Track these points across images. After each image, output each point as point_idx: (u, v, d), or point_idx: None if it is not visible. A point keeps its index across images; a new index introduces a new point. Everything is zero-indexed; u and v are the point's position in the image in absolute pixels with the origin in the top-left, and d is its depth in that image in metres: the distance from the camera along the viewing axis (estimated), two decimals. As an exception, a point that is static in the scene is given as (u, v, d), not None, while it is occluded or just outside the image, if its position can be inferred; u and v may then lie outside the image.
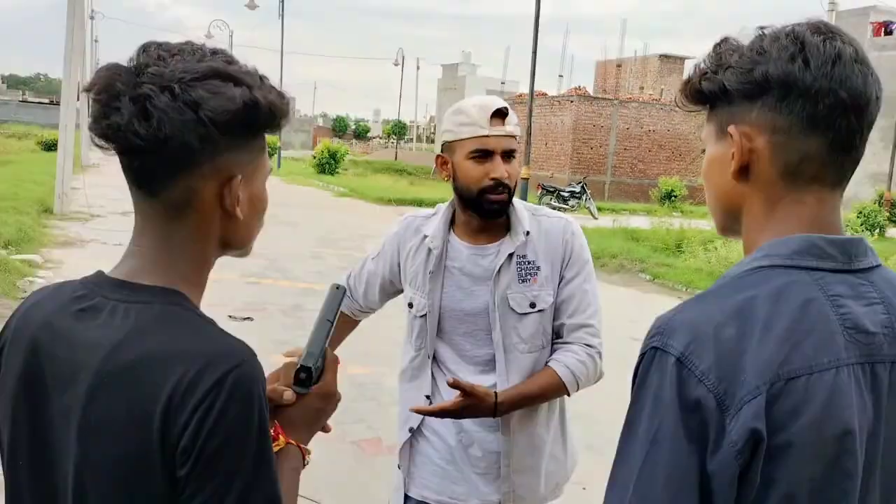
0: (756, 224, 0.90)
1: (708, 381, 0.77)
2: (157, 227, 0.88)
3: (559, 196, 19.62)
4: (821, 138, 0.85)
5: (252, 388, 0.80)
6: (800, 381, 0.78)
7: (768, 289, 0.82)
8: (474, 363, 1.78)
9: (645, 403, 0.81)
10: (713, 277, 9.82)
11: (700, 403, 0.77)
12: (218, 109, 0.82)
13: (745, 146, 0.88)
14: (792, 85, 0.84)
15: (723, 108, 0.90)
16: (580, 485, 3.89)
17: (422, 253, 1.81)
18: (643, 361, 0.83)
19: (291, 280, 8.38)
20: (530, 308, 1.75)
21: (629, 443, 0.82)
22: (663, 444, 0.78)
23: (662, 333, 0.82)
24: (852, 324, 0.82)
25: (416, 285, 1.81)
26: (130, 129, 0.81)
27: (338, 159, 27.30)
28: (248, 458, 0.79)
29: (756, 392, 0.77)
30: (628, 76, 40.07)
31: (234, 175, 0.87)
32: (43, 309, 0.89)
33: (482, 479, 1.79)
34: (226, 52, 0.88)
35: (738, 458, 0.76)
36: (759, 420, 0.76)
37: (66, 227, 10.85)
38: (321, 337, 0.99)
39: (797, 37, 0.85)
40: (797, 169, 0.86)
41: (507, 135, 1.70)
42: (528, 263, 1.76)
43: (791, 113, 0.85)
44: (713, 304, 0.83)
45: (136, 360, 0.80)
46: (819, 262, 0.84)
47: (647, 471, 0.79)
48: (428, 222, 1.84)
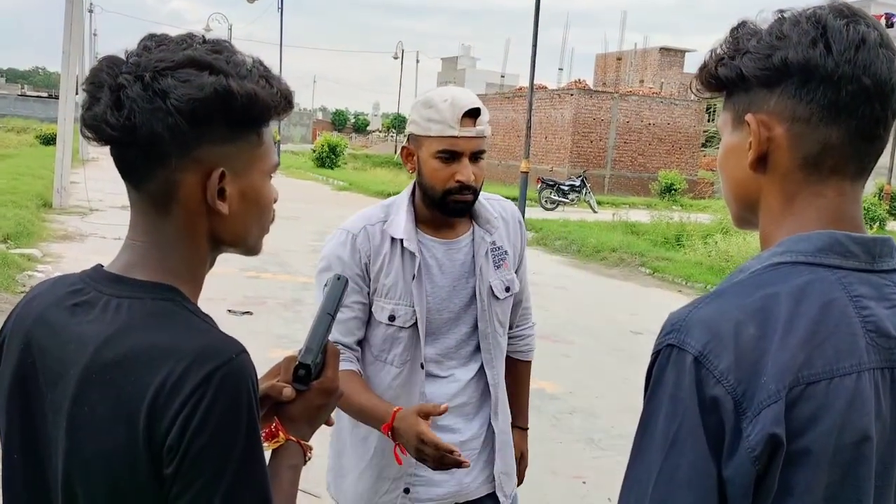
0: (773, 217, 0.86)
1: (727, 382, 0.75)
2: (146, 221, 0.87)
3: (559, 190, 19.60)
4: (843, 127, 0.81)
5: (241, 386, 0.79)
6: (820, 386, 0.75)
7: (790, 287, 0.79)
8: (458, 357, 1.76)
9: (662, 402, 0.78)
10: (713, 271, 9.82)
11: (718, 404, 0.74)
12: (183, 98, 0.79)
13: (762, 135, 0.83)
14: (813, 71, 0.80)
15: (740, 96, 0.86)
16: (580, 479, 3.90)
17: (396, 259, 1.68)
18: (659, 359, 0.80)
19: (291, 274, 8.38)
20: (506, 292, 1.79)
21: (646, 443, 0.79)
22: (683, 446, 0.75)
23: (679, 330, 0.79)
24: (874, 327, 0.79)
25: (395, 295, 1.68)
26: (104, 119, 0.80)
27: (337, 153, 27.27)
28: (236, 457, 0.77)
29: (776, 396, 0.74)
30: (628, 69, 40.00)
31: (214, 168, 0.85)
32: (39, 303, 0.89)
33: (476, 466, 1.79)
34: (220, 43, 0.86)
35: (755, 465, 0.74)
36: (779, 425, 0.73)
37: (65, 222, 10.84)
38: (321, 331, 0.98)
39: (819, 20, 0.81)
40: (817, 160, 0.82)
41: (476, 136, 1.62)
42: (497, 249, 1.78)
43: (812, 101, 0.80)
44: (732, 301, 0.80)
45: (124, 356, 0.79)
46: (842, 260, 0.81)
47: (667, 474, 0.76)
48: (391, 224, 1.70)
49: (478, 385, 1.79)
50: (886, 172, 20.52)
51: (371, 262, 1.69)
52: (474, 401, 1.79)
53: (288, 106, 0.89)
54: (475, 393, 1.79)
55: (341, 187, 21.20)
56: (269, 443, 0.94)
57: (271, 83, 0.86)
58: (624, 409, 4.70)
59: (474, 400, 1.79)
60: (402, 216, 1.70)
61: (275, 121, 0.91)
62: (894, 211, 19.62)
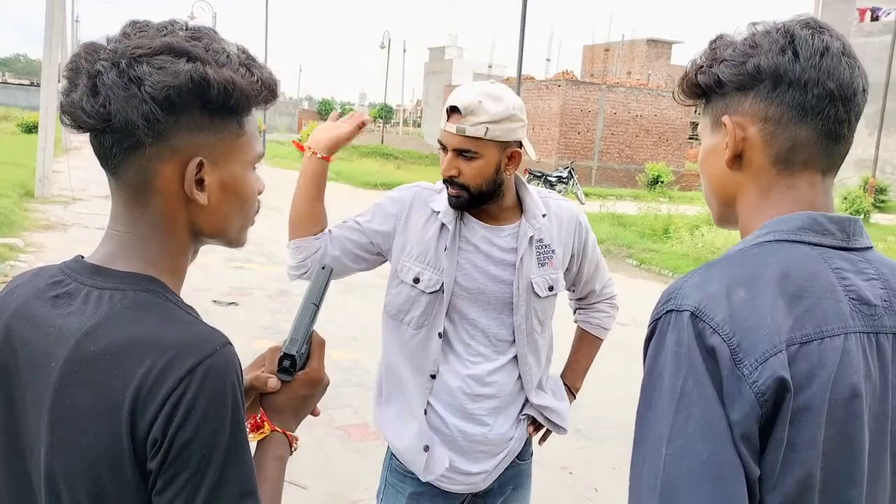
0: (751, 209, 0.93)
1: (722, 332, 0.79)
2: (126, 211, 0.86)
3: (546, 181, 19.62)
4: (811, 126, 0.89)
5: (225, 378, 0.77)
6: (813, 346, 0.80)
7: (777, 259, 0.85)
8: (487, 343, 1.77)
9: (665, 364, 0.82)
10: (699, 262, 9.87)
11: (715, 351, 0.79)
12: (158, 85, 0.78)
13: (738, 135, 0.91)
14: (782, 75, 0.88)
15: (717, 101, 0.94)
16: (566, 469, 3.92)
17: (432, 227, 1.75)
18: (658, 327, 0.84)
19: (277, 265, 8.34)
20: (549, 291, 1.81)
21: (652, 406, 0.82)
22: (692, 396, 0.79)
23: (675, 297, 0.84)
24: (856, 295, 0.85)
25: (424, 260, 1.74)
26: (80, 106, 0.79)
27: (324, 143, 27.07)
28: (221, 450, 0.76)
29: (780, 347, 0.79)
30: (616, 60, 40.04)
31: (192, 157, 0.83)
32: (19, 295, 0.87)
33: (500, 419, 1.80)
34: (201, 30, 0.85)
35: (763, 407, 0.78)
36: (786, 370, 0.78)
37: (47, 211, 10.73)
38: (306, 321, 0.96)
39: (787, 31, 0.90)
40: (788, 156, 0.90)
41: (455, 133, 1.65)
42: (544, 247, 1.80)
43: (782, 102, 0.89)
44: (722, 270, 0.85)
45: (105, 348, 0.78)
46: (821, 238, 0.88)
47: (680, 426, 0.79)
48: (438, 197, 1.78)
49: (509, 379, 1.79)
50: (871, 165, 20.71)
51: (405, 217, 1.78)
52: (504, 394, 1.79)
53: (270, 95, 0.87)
54: (505, 387, 1.79)
55: (328, 178, 21.07)
56: (254, 434, 0.93)
57: (252, 71, 0.84)
58: (610, 400, 4.72)
59: (503, 394, 1.79)
60: None
61: (258, 110, 0.89)
62: (878, 204, 19.82)
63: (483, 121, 1.63)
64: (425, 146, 37.04)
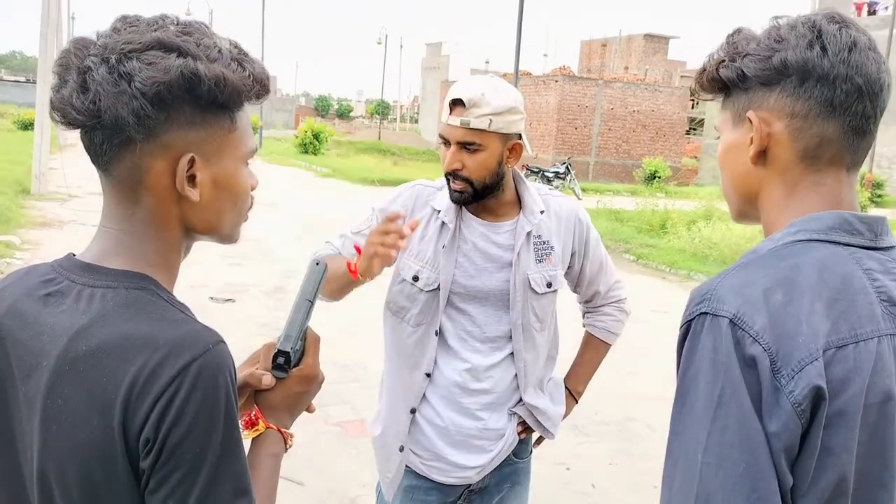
0: (776, 205, 0.92)
1: (762, 341, 0.78)
2: (118, 208, 0.85)
3: (543, 176, 19.61)
4: (838, 122, 0.87)
5: (218, 377, 0.77)
6: (848, 350, 0.80)
7: (811, 259, 0.84)
8: (483, 340, 1.78)
9: (700, 370, 0.81)
10: (696, 258, 9.89)
11: (755, 362, 0.78)
12: (148, 81, 0.77)
13: (763, 131, 0.90)
14: (811, 71, 0.86)
15: (739, 95, 0.92)
16: (563, 465, 3.92)
17: (433, 226, 1.76)
18: (692, 329, 0.83)
19: (273, 261, 8.33)
20: (547, 288, 1.80)
21: (688, 412, 0.81)
22: (729, 406, 0.78)
23: (710, 299, 0.83)
24: (886, 296, 0.85)
25: (424, 259, 1.76)
26: (69, 103, 0.79)
27: (321, 140, 27.09)
28: (214, 449, 0.76)
29: (816, 355, 0.78)
30: (613, 56, 40.01)
31: (183, 153, 0.82)
32: (11, 294, 0.86)
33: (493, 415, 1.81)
34: (192, 25, 0.84)
35: (801, 418, 0.77)
36: (822, 379, 0.78)
37: (43, 208, 10.70)
38: (300, 318, 0.96)
39: (814, 25, 0.88)
40: (815, 152, 0.89)
41: (459, 126, 1.65)
42: (543, 243, 1.79)
43: (809, 98, 0.87)
44: (758, 271, 0.84)
45: (98, 347, 0.77)
46: (850, 237, 0.87)
47: (717, 435, 0.78)
48: (438, 195, 1.78)
49: (505, 375, 1.80)
50: (868, 160, 20.75)
51: (410, 215, 1.77)
52: (499, 391, 1.80)
53: (262, 90, 0.86)
54: (501, 383, 1.79)
55: (325, 174, 21.07)
56: (248, 431, 0.93)
57: (244, 66, 0.83)
58: (607, 395, 4.73)
59: (499, 390, 1.80)
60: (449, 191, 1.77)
61: (250, 105, 0.88)
62: (875, 198, 19.86)
63: (486, 113, 1.65)
64: (422, 142, 37.00)
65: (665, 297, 8.17)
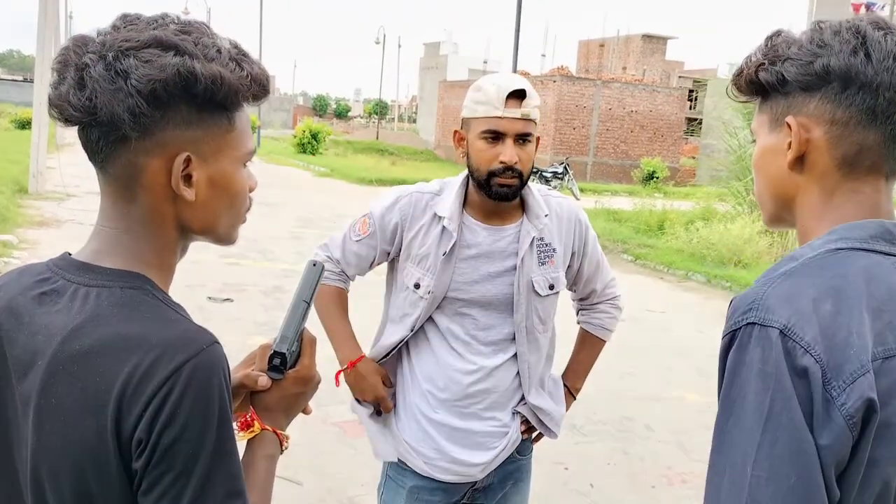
0: (813, 212, 0.91)
1: (814, 352, 0.77)
2: (114, 207, 0.85)
3: (541, 177, 19.61)
4: (879, 130, 0.86)
5: (211, 377, 0.76)
6: (894, 361, 0.79)
7: (856, 269, 0.83)
8: (487, 343, 1.78)
9: (748, 380, 0.79)
10: (694, 258, 9.89)
11: (807, 373, 0.77)
12: (144, 78, 0.77)
13: (802, 137, 0.88)
14: (854, 78, 0.85)
15: (778, 99, 0.91)
16: (562, 465, 3.92)
17: (434, 232, 1.74)
18: (739, 339, 0.81)
19: (272, 261, 8.32)
20: (550, 290, 1.80)
21: (735, 423, 0.80)
22: (780, 418, 0.76)
23: (758, 308, 0.81)
24: None
25: (425, 266, 1.74)
26: (66, 99, 0.79)
27: (319, 139, 27.08)
28: (207, 450, 0.75)
29: (867, 366, 0.77)
30: (611, 56, 40.02)
31: (179, 152, 0.82)
32: (6, 293, 0.86)
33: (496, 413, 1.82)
34: (191, 24, 0.84)
35: (853, 431, 0.76)
36: (874, 391, 0.77)
37: (41, 207, 10.68)
38: (296, 319, 0.95)
39: (858, 31, 0.86)
40: (855, 160, 0.88)
41: (521, 118, 1.65)
42: (545, 246, 1.79)
43: (851, 105, 0.86)
44: (805, 280, 0.83)
45: (91, 346, 0.77)
46: (891, 247, 0.86)
47: (767, 448, 0.77)
48: (439, 201, 1.76)
49: (507, 375, 1.80)
50: None
51: (406, 227, 1.77)
52: (502, 390, 1.80)
53: (261, 91, 0.86)
54: (503, 383, 1.80)
55: (323, 174, 21.06)
56: (244, 433, 0.92)
57: (242, 66, 0.83)
58: (605, 395, 4.73)
59: (502, 390, 1.80)
60: (451, 196, 1.75)
61: (249, 105, 0.88)
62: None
63: (536, 104, 1.70)
64: (420, 142, 36.99)
65: (663, 297, 8.18)
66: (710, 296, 8.46)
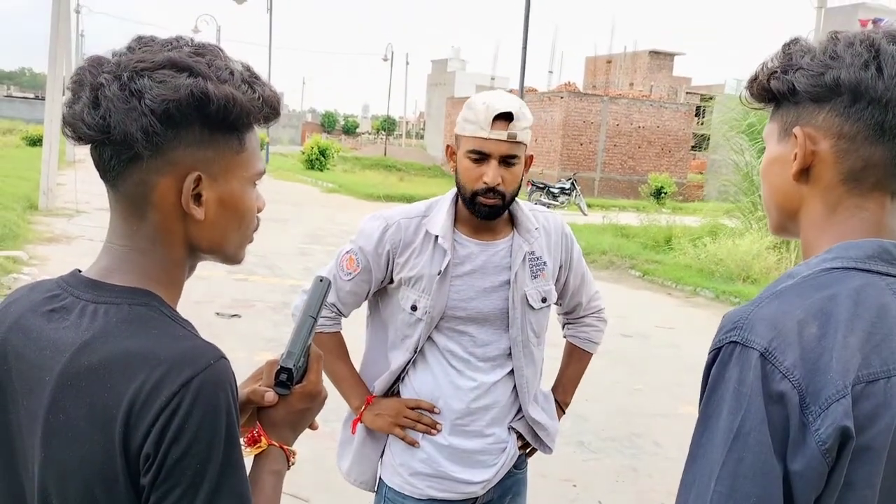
0: (816, 226, 0.90)
1: (793, 378, 0.77)
2: (124, 224, 0.86)
3: (549, 192, 19.64)
4: (886, 147, 0.84)
5: (219, 393, 0.77)
6: (879, 385, 0.78)
7: (847, 290, 0.82)
8: (485, 359, 1.78)
9: (724, 398, 0.79)
10: (702, 274, 9.85)
11: (784, 398, 0.76)
12: (157, 99, 0.79)
13: (808, 148, 0.87)
14: (863, 92, 0.83)
15: (788, 109, 0.90)
16: (570, 482, 3.89)
17: (426, 253, 1.74)
18: (720, 356, 0.82)
19: (280, 277, 8.34)
20: (542, 303, 1.81)
21: (707, 438, 0.80)
22: (748, 439, 0.77)
23: (742, 328, 0.81)
24: None
25: (420, 287, 1.74)
26: (81, 118, 0.80)
27: (327, 155, 27.22)
28: (214, 466, 0.76)
29: (844, 392, 0.76)
30: (618, 72, 40.13)
31: (190, 171, 0.83)
32: (16, 309, 0.87)
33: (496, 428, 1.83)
34: (205, 46, 0.85)
35: (826, 457, 0.76)
36: (849, 418, 0.76)
37: (51, 224, 10.75)
38: (304, 334, 0.96)
39: (872, 44, 0.84)
40: (860, 175, 0.86)
41: (506, 140, 1.65)
42: (536, 259, 1.80)
43: (859, 120, 0.84)
44: (793, 301, 0.82)
45: (99, 362, 0.78)
46: (888, 267, 0.84)
47: (731, 466, 0.77)
48: (429, 220, 1.76)
49: (505, 390, 1.81)
50: None
51: (398, 253, 1.76)
52: (500, 405, 1.81)
53: (272, 112, 0.88)
54: (502, 398, 1.81)
55: (331, 189, 21.15)
56: (251, 448, 0.92)
57: (254, 88, 0.85)
58: (614, 412, 4.70)
59: (500, 404, 1.81)
60: (442, 214, 1.75)
61: (259, 127, 0.89)
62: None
63: (525, 126, 1.69)
64: (428, 158, 37.11)
65: (671, 313, 8.14)
66: (718, 311, 8.41)
